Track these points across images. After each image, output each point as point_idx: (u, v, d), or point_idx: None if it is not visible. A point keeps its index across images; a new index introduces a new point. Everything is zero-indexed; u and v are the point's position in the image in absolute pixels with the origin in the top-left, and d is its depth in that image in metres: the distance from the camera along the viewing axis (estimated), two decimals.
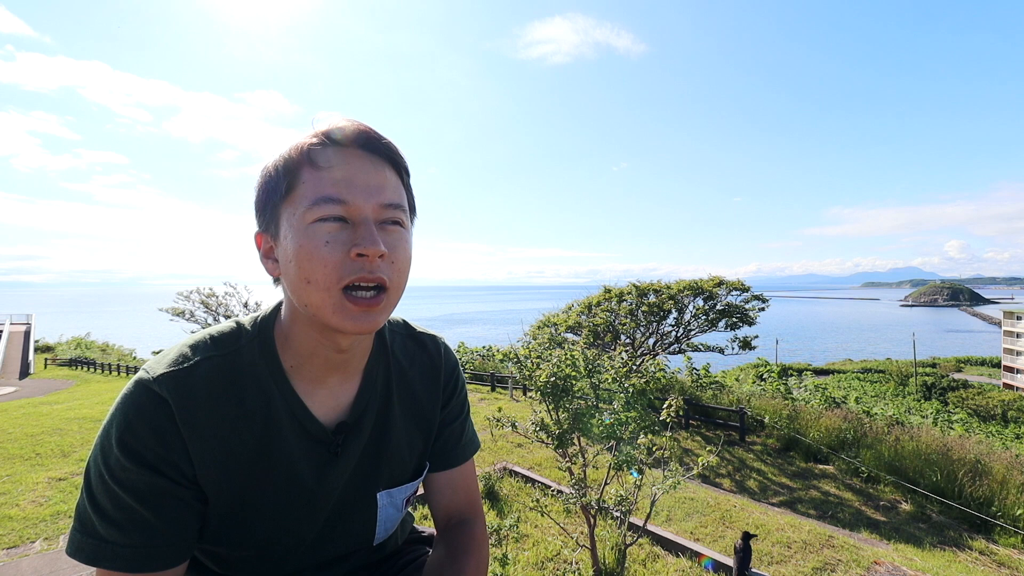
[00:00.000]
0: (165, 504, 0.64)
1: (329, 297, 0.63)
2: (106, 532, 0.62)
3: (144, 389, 0.65)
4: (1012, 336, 54.87)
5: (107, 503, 0.63)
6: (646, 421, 3.44)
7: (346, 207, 0.63)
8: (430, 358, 0.90)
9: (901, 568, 4.34)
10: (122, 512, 0.62)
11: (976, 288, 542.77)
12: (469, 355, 18.15)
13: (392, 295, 0.67)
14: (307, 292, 0.64)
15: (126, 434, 0.63)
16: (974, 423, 22.10)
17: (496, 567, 3.57)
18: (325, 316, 0.64)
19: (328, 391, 0.77)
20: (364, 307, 0.64)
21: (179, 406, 0.65)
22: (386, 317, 0.68)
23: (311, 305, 0.64)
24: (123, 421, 0.63)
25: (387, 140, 0.68)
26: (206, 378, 0.68)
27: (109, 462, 0.63)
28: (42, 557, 3.96)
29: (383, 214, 0.66)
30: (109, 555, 0.62)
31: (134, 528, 0.62)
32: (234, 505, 0.70)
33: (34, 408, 11.69)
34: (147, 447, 0.63)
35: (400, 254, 0.67)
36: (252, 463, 0.70)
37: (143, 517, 0.63)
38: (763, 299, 12.68)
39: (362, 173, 0.65)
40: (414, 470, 0.88)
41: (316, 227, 0.62)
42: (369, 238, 0.62)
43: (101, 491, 0.63)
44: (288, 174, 0.65)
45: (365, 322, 0.64)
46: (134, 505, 0.62)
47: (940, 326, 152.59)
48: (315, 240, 0.62)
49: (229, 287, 21.09)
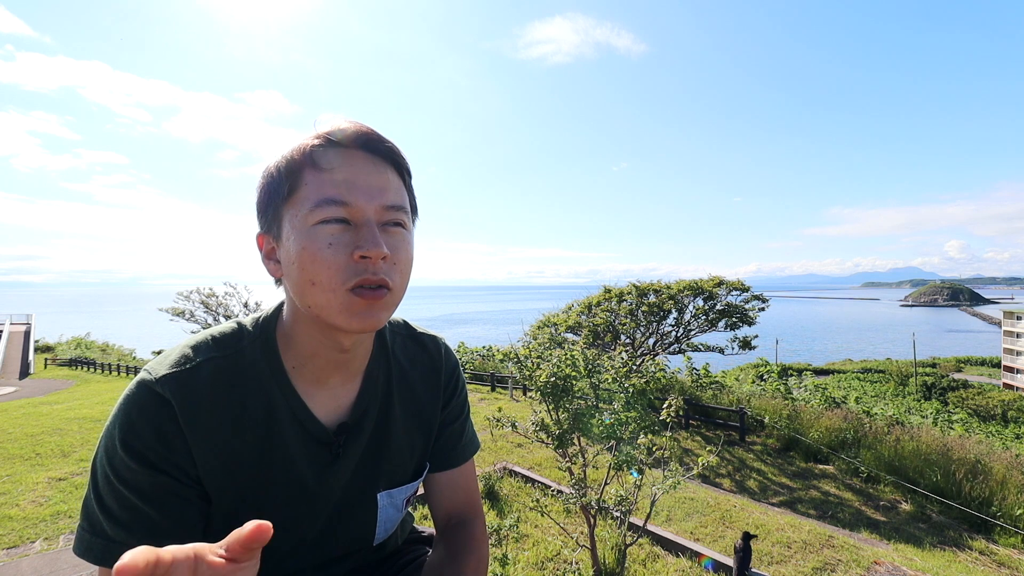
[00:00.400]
0: (170, 503, 0.65)
1: (336, 297, 0.63)
2: (114, 532, 0.63)
3: (146, 390, 0.65)
4: (1012, 336, 54.87)
5: (113, 503, 0.63)
6: (646, 421, 3.44)
7: (348, 209, 0.63)
8: (431, 359, 0.91)
9: (901, 568, 4.34)
10: (128, 512, 0.63)
11: (976, 288, 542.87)
12: (469, 355, 18.15)
13: (395, 295, 0.67)
14: (312, 293, 0.64)
15: (129, 435, 0.63)
16: (974, 423, 22.10)
17: (496, 567, 3.57)
18: (331, 316, 0.64)
19: (329, 392, 0.77)
20: (369, 300, 0.64)
21: (182, 407, 0.65)
22: (388, 316, 0.68)
23: (315, 306, 0.65)
24: (126, 422, 0.64)
25: (389, 142, 0.69)
26: (209, 379, 0.68)
27: (114, 463, 0.63)
28: (42, 557, 3.96)
29: (385, 216, 0.66)
30: (117, 555, 0.61)
31: (140, 527, 0.62)
32: (236, 505, 0.70)
33: (34, 408, 11.69)
34: (150, 447, 0.63)
35: (402, 255, 0.68)
36: (254, 464, 0.71)
37: (149, 516, 0.63)
38: (763, 299, 12.68)
39: (364, 175, 0.65)
40: (414, 470, 0.88)
41: (319, 229, 0.63)
42: (372, 240, 0.63)
43: (107, 491, 0.63)
44: (290, 176, 0.65)
45: (369, 319, 0.65)
46: (140, 505, 0.63)
47: (940, 326, 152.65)
48: (318, 242, 0.62)
49: (229, 287, 21.11)
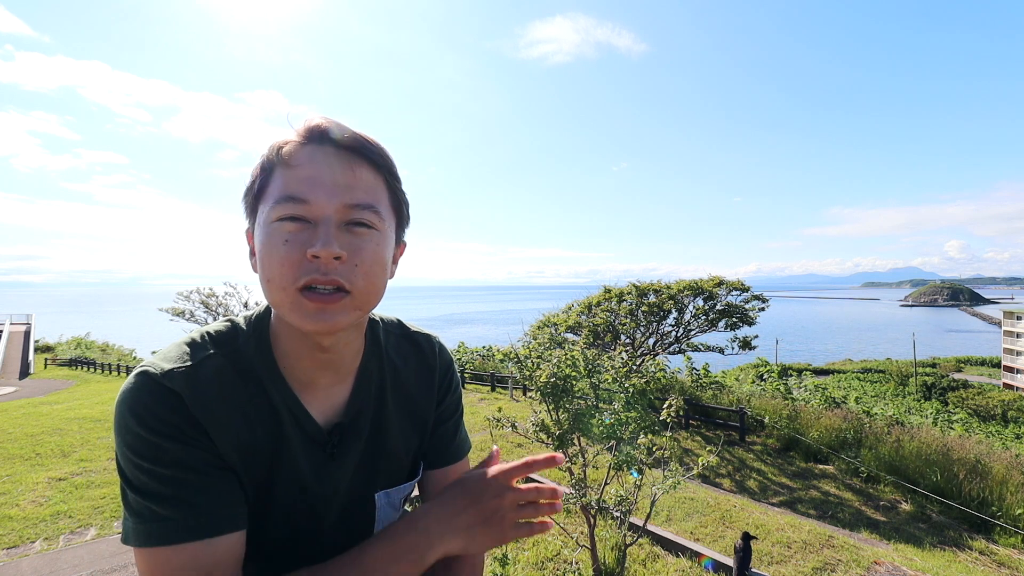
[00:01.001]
0: (210, 473, 0.64)
1: (286, 296, 0.62)
2: (166, 511, 0.61)
3: (154, 383, 0.63)
4: (1012, 336, 54.87)
5: (154, 486, 0.61)
6: (646, 421, 3.44)
7: (307, 207, 0.62)
8: (424, 357, 0.90)
9: (901, 568, 4.34)
10: (171, 486, 0.61)
11: (976, 288, 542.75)
12: (469, 355, 18.16)
13: (357, 298, 0.64)
14: (268, 291, 0.64)
15: (148, 418, 0.61)
16: (974, 423, 22.09)
17: (496, 567, 3.57)
18: (286, 315, 0.64)
19: (323, 392, 0.76)
20: (320, 304, 0.62)
21: (192, 401, 0.64)
22: (349, 319, 0.65)
23: (274, 304, 0.65)
24: (142, 410, 0.62)
25: (367, 139, 0.67)
26: (213, 375, 0.67)
27: (140, 449, 0.61)
28: (42, 557, 3.96)
29: (349, 215, 0.64)
30: (174, 531, 0.60)
31: (189, 496, 0.61)
32: (248, 501, 0.69)
33: (34, 408, 11.69)
34: (173, 424, 0.62)
35: (365, 256, 0.65)
36: (267, 458, 0.70)
37: (192, 484, 0.62)
38: (763, 299, 12.69)
39: (330, 171, 0.64)
40: (410, 470, 0.88)
41: (277, 226, 0.62)
42: (323, 239, 0.61)
43: (143, 479, 0.61)
44: (263, 172, 0.66)
45: (322, 321, 0.62)
46: (180, 476, 0.61)
47: (940, 326, 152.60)
48: (275, 239, 0.62)
49: (229, 287, 21.14)
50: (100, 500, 5.14)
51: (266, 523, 0.72)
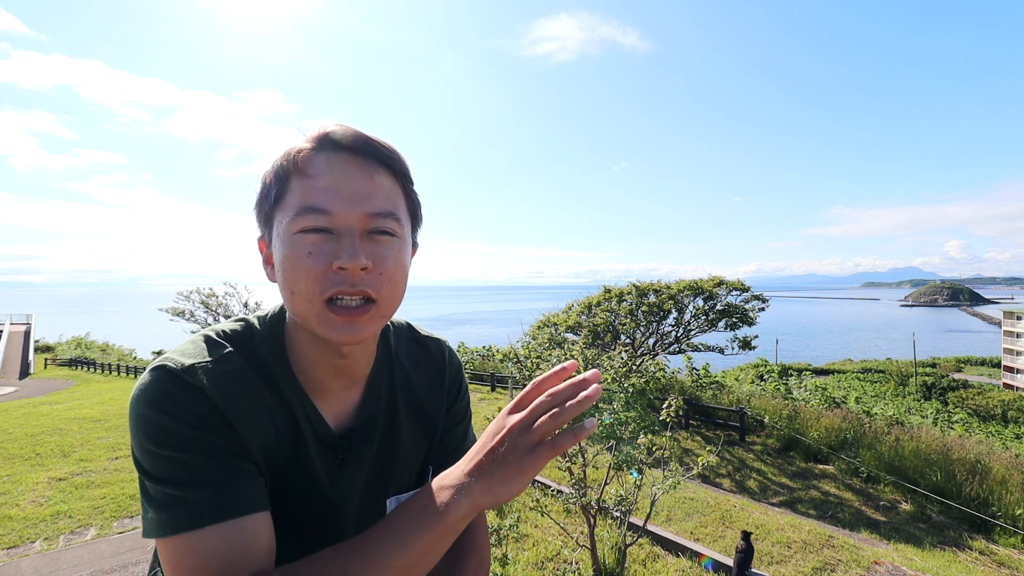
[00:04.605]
0: (231, 459, 0.62)
1: (312, 308, 0.62)
2: (191, 494, 0.59)
3: (174, 377, 0.62)
4: (1012, 336, 54.88)
5: (177, 471, 0.59)
6: (646, 421, 3.44)
7: (330, 217, 0.62)
8: (434, 362, 0.90)
9: (901, 568, 4.34)
10: (195, 470, 0.59)
11: (976, 288, 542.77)
12: (469, 355, 18.15)
13: (382, 307, 0.65)
14: (293, 302, 0.63)
15: (169, 406, 0.60)
16: (974, 423, 22.08)
17: (496, 567, 3.57)
18: (312, 326, 0.63)
19: (335, 396, 0.76)
20: (348, 318, 0.62)
21: (215, 394, 0.62)
22: (375, 328, 0.66)
23: (298, 315, 0.64)
24: (161, 398, 0.60)
25: (382, 144, 0.66)
26: (233, 372, 0.66)
27: (160, 438, 0.59)
28: (42, 557, 3.96)
29: (371, 224, 0.63)
30: (198, 514, 0.58)
31: (215, 476, 0.60)
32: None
33: (34, 408, 11.69)
34: (195, 413, 0.61)
35: (389, 265, 0.65)
36: (287, 455, 0.70)
37: (217, 466, 0.60)
38: (763, 299, 12.70)
39: (349, 180, 0.63)
40: (419, 475, 0.88)
41: (300, 237, 0.62)
42: (349, 251, 0.61)
43: (164, 467, 0.60)
44: (278, 182, 0.64)
45: (349, 333, 0.63)
46: (204, 461, 0.60)
47: (940, 326, 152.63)
48: (298, 251, 0.61)
49: (229, 287, 21.10)
50: (100, 500, 5.13)
51: (280, 527, 0.71)
